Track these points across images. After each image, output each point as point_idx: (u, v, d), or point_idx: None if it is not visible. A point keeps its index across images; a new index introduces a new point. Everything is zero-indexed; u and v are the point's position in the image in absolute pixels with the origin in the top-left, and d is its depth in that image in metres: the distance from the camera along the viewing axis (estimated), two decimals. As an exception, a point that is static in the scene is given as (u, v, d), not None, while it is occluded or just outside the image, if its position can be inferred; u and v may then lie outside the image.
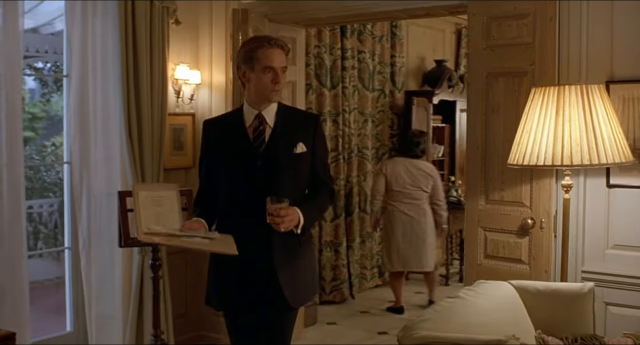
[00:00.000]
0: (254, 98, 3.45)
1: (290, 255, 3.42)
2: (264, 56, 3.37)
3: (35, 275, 7.24)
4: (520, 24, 4.41)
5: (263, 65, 3.36)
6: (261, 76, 3.38)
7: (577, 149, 3.56)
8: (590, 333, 3.24)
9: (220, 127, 3.58)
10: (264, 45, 3.39)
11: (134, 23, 5.19)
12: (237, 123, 3.49)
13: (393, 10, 5.08)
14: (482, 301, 3.15)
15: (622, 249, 4.24)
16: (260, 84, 3.39)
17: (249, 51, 3.41)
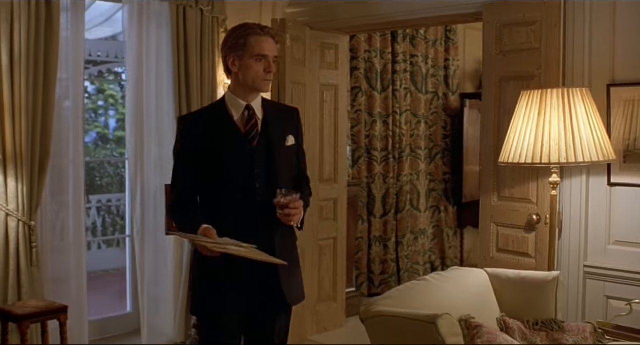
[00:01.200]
0: (242, 88, 3.28)
1: (290, 251, 3.36)
2: (257, 44, 3.20)
3: (109, 263, 7.98)
4: (529, 30, 4.66)
5: (255, 53, 3.20)
6: (252, 64, 3.21)
7: (556, 148, 3.81)
8: (551, 317, 3.49)
9: (201, 123, 3.33)
10: (256, 33, 3.22)
11: (186, 32, 5.71)
12: (223, 116, 3.30)
13: (416, 18, 5.43)
14: (448, 284, 3.45)
15: (623, 245, 4.44)
16: (252, 73, 3.22)
17: (238, 38, 3.23)
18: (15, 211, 4.88)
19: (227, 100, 3.33)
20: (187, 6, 5.69)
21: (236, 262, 3.13)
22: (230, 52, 3.26)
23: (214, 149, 3.25)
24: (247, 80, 3.24)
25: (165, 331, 5.88)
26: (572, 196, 4.58)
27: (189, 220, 3.26)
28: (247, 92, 3.29)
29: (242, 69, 3.23)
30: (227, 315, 3.30)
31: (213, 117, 3.32)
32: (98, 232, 8.79)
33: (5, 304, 4.78)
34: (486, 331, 3.15)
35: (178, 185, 3.36)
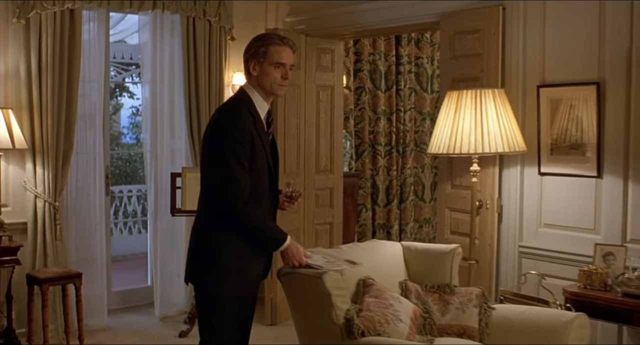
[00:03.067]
0: (262, 91, 3.49)
1: None
2: (276, 52, 3.44)
3: (140, 248, 8.88)
4: (474, 38, 5.28)
5: (275, 61, 3.43)
6: (271, 71, 3.43)
7: (466, 141, 4.45)
8: (446, 282, 4.13)
9: (250, 121, 3.43)
10: (276, 43, 3.46)
11: (195, 40, 6.54)
12: (258, 115, 3.49)
13: (391, 26, 6.14)
14: (360, 253, 4.12)
15: (551, 227, 5.01)
16: (270, 78, 3.44)
17: (260, 46, 3.47)
18: (43, 193, 5.79)
19: (255, 101, 3.48)
20: (197, 17, 6.53)
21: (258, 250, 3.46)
22: (251, 58, 3.48)
23: (261, 147, 3.43)
24: (266, 84, 3.46)
25: (177, 302, 6.73)
26: (509, 184, 5.17)
27: (272, 227, 3.48)
28: (267, 95, 3.51)
29: (262, 74, 3.45)
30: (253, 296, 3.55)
31: (254, 116, 3.45)
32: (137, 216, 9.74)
33: (32, 270, 5.70)
34: (375, 288, 3.83)
35: (243, 185, 3.32)
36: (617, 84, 4.55)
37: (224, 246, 3.39)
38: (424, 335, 3.85)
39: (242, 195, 3.29)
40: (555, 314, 3.84)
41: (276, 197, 3.62)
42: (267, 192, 3.50)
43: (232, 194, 3.28)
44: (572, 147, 4.81)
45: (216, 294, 3.41)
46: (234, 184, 3.29)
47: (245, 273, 3.43)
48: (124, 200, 9.42)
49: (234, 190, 3.29)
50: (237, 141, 3.31)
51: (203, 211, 3.49)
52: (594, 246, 4.46)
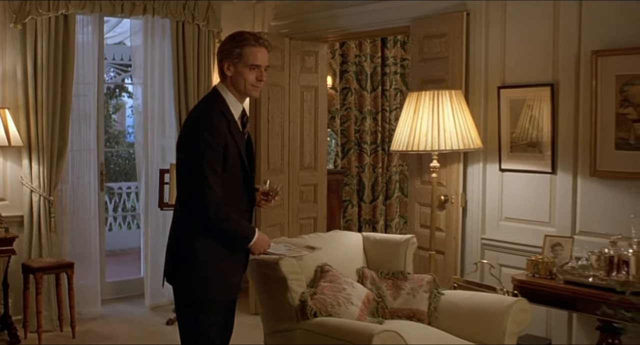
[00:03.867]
0: (236, 91, 3.45)
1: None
2: (252, 54, 3.39)
3: (138, 242, 9.19)
4: (441, 41, 5.58)
5: (250, 62, 3.39)
6: (246, 73, 3.39)
7: (424, 139, 4.76)
8: (400, 270, 4.44)
9: (225, 122, 3.41)
10: (251, 44, 3.41)
11: (184, 43, 6.88)
12: (231, 117, 3.45)
13: (367, 30, 6.46)
14: (320, 241, 4.42)
15: (511, 221, 5.30)
16: (244, 80, 3.40)
17: (234, 46, 3.42)
18: (38, 188, 6.15)
19: (229, 102, 3.45)
20: (186, 21, 6.86)
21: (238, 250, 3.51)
22: (226, 58, 3.43)
23: (235, 149, 3.42)
24: (240, 86, 3.42)
25: (166, 292, 7.05)
26: (473, 180, 5.48)
27: (243, 226, 3.48)
28: (240, 96, 3.47)
29: (236, 75, 3.41)
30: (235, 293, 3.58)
31: (228, 118, 3.42)
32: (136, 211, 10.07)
33: (27, 260, 6.06)
34: (331, 274, 4.16)
35: (215, 190, 3.33)
36: (568, 85, 4.84)
37: (201, 246, 3.38)
38: (375, 318, 4.17)
39: (214, 200, 3.30)
40: (498, 299, 4.15)
41: (252, 194, 3.62)
42: (242, 190, 3.49)
43: (205, 199, 3.29)
44: (529, 144, 5.10)
45: (200, 297, 3.42)
46: (207, 189, 3.29)
47: (226, 272, 3.45)
48: (123, 196, 9.78)
49: (206, 196, 3.29)
50: (210, 146, 3.29)
51: (179, 213, 3.49)
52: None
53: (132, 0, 6.54)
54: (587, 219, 4.77)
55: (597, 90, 4.63)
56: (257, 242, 3.48)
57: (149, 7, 6.66)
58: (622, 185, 4.57)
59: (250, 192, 3.60)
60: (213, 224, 3.35)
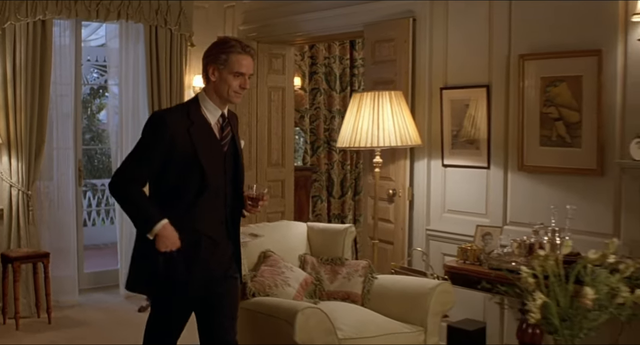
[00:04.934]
0: (217, 96, 3.49)
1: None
2: (237, 61, 3.44)
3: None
4: (390, 45, 5.97)
5: (235, 70, 3.44)
6: (230, 79, 3.43)
7: (364, 136, 5.15)
8: (339, 256, 4.84)
9: (181, 123, 3.44)
10: (237, 51, 3.46)
11: (157, 46, 7.28)
12: (201, 120, 3.49)
13: (326, 34, 6.88)
14: (266, 230, 4.83)
15: (453, 213, 5.68)
16: (226, 86, 3.44)
17: (221, 52, 3.46)
18: (17, 183, 6.55)
19: (203, 105, 3.51)
20: (159, 26, 7.26)
21: (208, 244, 3.55)
22: (211, 63, 3.48)
23: (192, 150, 3.42)
24: (223, 92, 3.46)
25: (141, 282, 7.46)
26: (419, 175, 5.86)
27: (150, 204, 3.45)
28: (221, 101, 3.51)
29: (220, 81, 3.45)
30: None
31: (192, 120, 3.46)
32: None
33: (6, 250, 6.46)
34: (272, 259, 4.56)
35: (139, 174, 3.45)
36: (500, 87, 5.23)
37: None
38: (313, 299, 4.56)
39: (126, 176, 3.44)
40: (424, 282, 4.54)
41: (239, 199, 3.65)
42: (215, 192, 3.50)
43: (117, 172, 3.51)
44: (468, 141, 5.48)
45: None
46: (125, 167, 3.48)
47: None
48: (106, 192, 10.16)
49: (121, 170, 3.49)
50: (146, 138, 3.49)
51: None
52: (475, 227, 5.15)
53: (106, 6, 6.94)
54: (515, 210, 5.16)
55: (524, 92, 5.02)
56: (162, 234, 3.37)
57: (123, 12, 7.05)
58: (545, 178, 4.95)
59: (238, 196, 3.63)
60: (117, 194, 3.47)
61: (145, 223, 3.41)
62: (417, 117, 5.76)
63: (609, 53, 4.58)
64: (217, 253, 3.56)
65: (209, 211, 3.53)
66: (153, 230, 3.37)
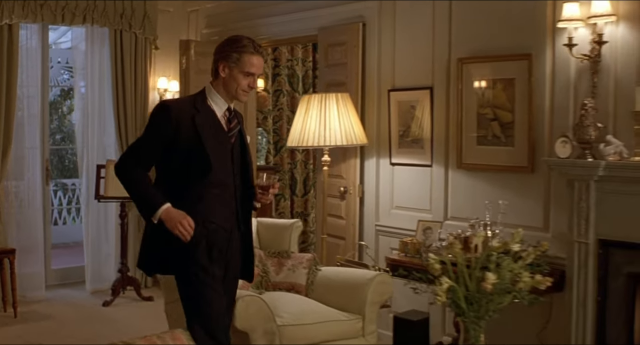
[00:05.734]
0: (225, 92, 3.57)
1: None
2: (249, 61, 3.52)
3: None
4: (341, 49, 6.24)
5: (245, 70, 3.52)
6: (240, 78, 3.52)
7: (312, 136, 5.42)
8: (285, 249, 5.10)
9: (187, 113, 3.51)
10: (250, 51, 3.53)
11: (122, 49, 7.52)
12: (208, 112, 3.56)
13: (284, 38, 7.19)
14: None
15: (400, 209, 5.95)
16: (235, 84, 3.53)
17: (233, 50, 3.54)
18: (-16, 182, 6.78)
19: (210, 98, 3.60)
20: (123, 30, 7.49)
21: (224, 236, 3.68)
22: (222, 60, 3.55)
23: (196, 138, 3.50)
24: (231, 89, 3.55)
25: (108, 278, 7.68)
26: (369, 173, 6.13)
27: (153, 189, 3.54)
28: (228, 97, 3.61)
29: (229, 78, 3.53)
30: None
31: (198, 109, 3.55)
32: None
33: (-27, 248, 6.69)
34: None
35: (143, 159, 3.54)
36: (441, 89, 5.51)
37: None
38: (259, 289, 4.82)
39: (130, 160, 3.54)
40: (364, 274, 4.81)
41: (249, 191, 3.73)
42: (222, 182, 3.58)
43: (123, 155, 3.67)
44: (414, 141, 5.76)
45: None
46: (130, 151, 3.61)
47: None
48: (77, 191, 10.38)
49: (126, 154, 3.64)
50: (151, 124, 3.56)
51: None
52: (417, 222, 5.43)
53: (72, 11, 7.16)
54: (455, 206, 5.44)
55: (462, 93, 5.30)
56: (167, 217, 3.44)
57: (88, 16, 7.28)
58: (482, 175, 5.24)
59: (240, 193, 3.69)
60: (122, 175, 3.55)
61: (148, 207, 3.51)
62: (367, 117, 6.04)
63: (538, 57, 4.87)
64: (232, 243, 3.69)
65: (220, 203, 3.60)
66: (156, 214, 3.46)
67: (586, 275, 4.55)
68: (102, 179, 7.11)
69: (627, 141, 4.36)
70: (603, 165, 4.35)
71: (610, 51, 4.50)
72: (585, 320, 4.55)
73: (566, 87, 4.75)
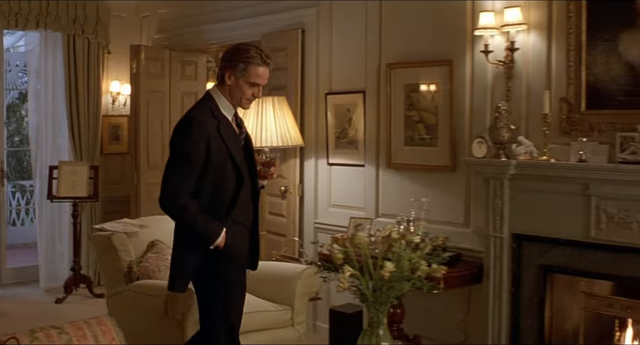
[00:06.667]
0: (229, 98, 3.68)
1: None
2: (256, 73, 3.62)
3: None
4: (282, 54, 6.52)
5: (251, 80, 3.62)
6: (245, 88, 3.63)
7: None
8: (222, 245, 5.36)
9: (215, 123, 3.62)
10: (257, 63, 3.63)
11: (75, 54, 7.75)
12: (224, 118, 3.67)
13: (226, 43, 7.12)
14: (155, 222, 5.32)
15: (337, 207, 6.24)
16: (241, 93, 3.65)
17: (240, 60, 3.63)
18: (-62, 183, 6.98)
19: (220, 104, 3.69)
20: (76, 35, 7.73)
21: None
22: (229, 68, 3.65)
23: (225, 148, 3.63)
24: (236, 97, 3.67)
25: (62, 276, 7.89)
26: (308, 173, 6.41)
27: (207, 219, 3.64)
28: (232, 103, 3.73)
29: (235, 86, 3.64)
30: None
31: (217, 118, 3.66)
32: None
33: None
34: (159, 247, 5.07)
35: (188, 185, 3.59)
36: (373, 93, 5.80)
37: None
38: (195, 283, 5.08)
39: (177, 193, 3.57)
40: (294, 267, 5.10)
41: (256, 190, 3.90)
42: (233, 187, 3.68)
43: (167, 190, 3.60)
44: (349, 142, 6.05)
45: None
46: (169, 181, 3.59)
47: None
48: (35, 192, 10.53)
49: (170, 187, 3.59)
50: (187, 145, 3.56)
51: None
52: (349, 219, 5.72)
53: (25, 16, 7.38)
54: (386, 203, 5.74)
55: (391, 97, 5.60)
56: (220, 243, 3.65)
57: (42, 21, 7.51)
58: (409, 174, 5.54)
59: (254, 188, 3.89)
60: (172, 212, 3.65)
61: (207, 239, 3.64)
62: (306, 120, 6.33)
63: (459, 63, 5.18)
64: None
65: (245, 204, 3.78)
66: (214, 244, 3.64)
67: (501, 267, 4.85)
68: (54, 179, 7.33)
69: (537, 141, 4.67)
70: (514, 164, 4.66)
71: (522, 57, 4.82)
72: (500, 310, 4.85)
73: (484, 91, 5.06)
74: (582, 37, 4.54)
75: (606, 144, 4.43)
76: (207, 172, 3.59)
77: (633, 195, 4.22)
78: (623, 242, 4.27)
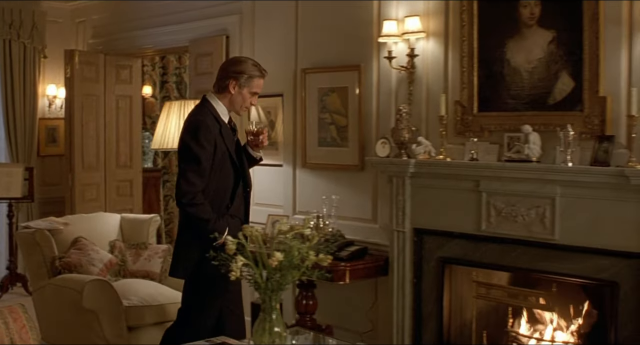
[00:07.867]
0: (228, 104, 4.08)
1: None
2: (257, 84, 4.11)
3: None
4: (209, 59, 6.81)
5: (253, 90, 4.09)
6: (247, 97, 4.08)
7: (170, 139, 5.97)
8: (143, 241, 5.65)
9: (219, 127, 3.99)
10: (258, 75, 4.12)
11: (11, 58, 7.95)
12: (223, 123, 4.05)
13: (159, 48, 7.77)
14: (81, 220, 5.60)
15: (261, 205, 6.47)
16: (241, 101, 4.08)
17: (244, 73, 4.07)
18: None
19: (218, 110, 4.07)
20: (12, 40, 7.93)
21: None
22: (233, 79, 4.06)
23: (226, 149, 4.01)
24: (236, 104, 4.09)
25: (-2, 275, 8.10)
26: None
27: (215, 219, 3.92)
28: (229, 108, 4.12)
29: (238, 95, 4.06)
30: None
31: (219, 122, 4.03)
32: None
33: None
34: (82, 243, 5.34)
35: (200, 185, 3.88)
36: (290, 96, 6.12)
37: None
38: (117, 277, 5.36)
39: (190, 193, 3.83)
40: (211, 261, 5.37)
41: (247, 189, 4.23)
42: (232, 185, 4.05)
43: (181, 190, 3.86)
44: (271, 144, 6.35)
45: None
46: (186, 181, 3.85)
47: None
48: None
49: (184, 187, 3.84)
50: (200, 145, 3.88)
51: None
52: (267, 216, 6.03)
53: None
54: (302, 201, 6.06)
55: (306, 100, 5.93)
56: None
57: (-24, 25, 7.72)
58: (322, 174, 5.87)
59: (245, 186, 4.22)
60: (187, 210, 3.90)
61: (214, 238, 3.73)
62: (231, 122, 6.62)
63: (366, 68, 5.53)
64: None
65: (241, 200, 4.15)
66: (219, 242, 3.74)
67: (404, 260, 5.19)
68: (-8, 180, 7.53)
69: (435, 142, 5.03)
70: (414, 163, 5.01)
71: (422, 63, 5.18)
72: (404, 299, 5.19)
73: (388, 94, 5.41)
74: (474, 45, 4.89)
75: (496, 144, 4.79)
76: (212, 171, 3.93)
77: (518, 190, 4.58)
78: (510, 234, 4.63)
